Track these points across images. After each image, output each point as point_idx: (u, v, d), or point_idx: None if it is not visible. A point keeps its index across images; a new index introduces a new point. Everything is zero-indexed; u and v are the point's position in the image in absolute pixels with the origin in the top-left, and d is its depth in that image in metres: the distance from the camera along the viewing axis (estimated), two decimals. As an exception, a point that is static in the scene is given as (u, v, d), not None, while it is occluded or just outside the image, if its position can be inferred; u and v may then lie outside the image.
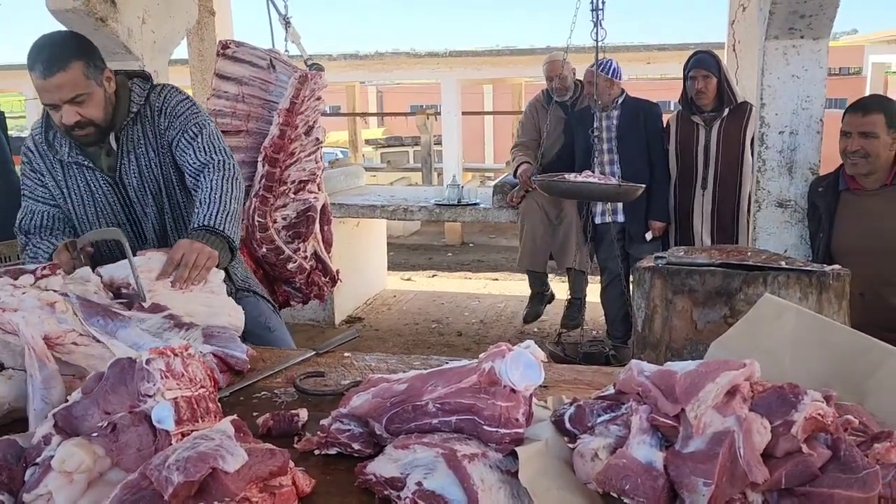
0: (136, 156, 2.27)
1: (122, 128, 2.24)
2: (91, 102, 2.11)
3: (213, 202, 2.13)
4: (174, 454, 1.04)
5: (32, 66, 2.03)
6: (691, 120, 4.31)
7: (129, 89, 2.25)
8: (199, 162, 2.23)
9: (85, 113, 2.10)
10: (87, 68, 2.08)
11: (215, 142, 2.28)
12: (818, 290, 1.88)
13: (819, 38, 3.10)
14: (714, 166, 4.23)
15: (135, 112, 2.25)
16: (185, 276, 1.89)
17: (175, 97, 2.31)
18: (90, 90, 2.10)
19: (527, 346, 1.22)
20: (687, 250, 2.15)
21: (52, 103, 2.08)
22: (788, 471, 1.04)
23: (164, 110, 2.28)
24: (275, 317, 2.48)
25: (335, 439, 1.30)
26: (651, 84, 15.61)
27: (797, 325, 1.41)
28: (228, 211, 2.14)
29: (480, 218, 5.75)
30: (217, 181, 2.17)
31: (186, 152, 2.25)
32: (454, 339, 5.69)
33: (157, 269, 1.89)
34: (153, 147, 2.28)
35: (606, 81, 4.51)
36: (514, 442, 1.15)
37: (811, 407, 1.07)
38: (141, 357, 1.20)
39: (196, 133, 2.27)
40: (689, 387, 1.08)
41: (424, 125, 12.12)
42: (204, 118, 2.33)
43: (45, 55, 2.03)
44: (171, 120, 2.28)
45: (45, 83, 2.03)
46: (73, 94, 2.06)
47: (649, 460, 1.06)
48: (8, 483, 1.13)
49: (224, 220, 2.10)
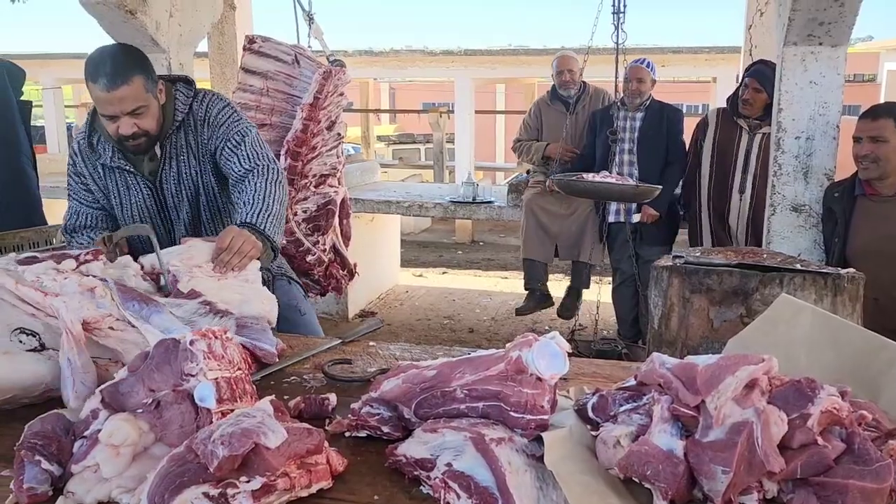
0: (177, 163, 2.32)
1: (167, 136, 2.29)
2: (148, 115, 2.16)
3: (255, 202, 2.18)
4: (219, 429, 1.09)
5: (95, 78, 2.06)
6: (735, 122, 4.28)
7: (173, 97, 2.29)
8: (244, 169, 2.27)
9: (141, 125, 2.15)
10: (146, 82, 2.13)
11: (258, 149, 2.32)
12: (833, 292, 1.92)
13: (837, 45, 3.13)
14: (754, 172, 4.21)
15: (179, 121, 2.29)
16: (227, 261, 1.95)
17: (216, 105, 2.34)
18: (148, 103, 2.15)
19: (552, 337, 1.27)
20: (703, 251, 2.19)
21: (112, 115, 2.12)
22: (804, 461, 1.09)
23: (206, 120, 2.32)
24: (306, 302, 2.56)
25: (365, 422, 1.36)
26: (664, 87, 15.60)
27: (813, 324, 1.45)
28: (271, 212, 2.18)
29: (494, 216, 5.79)
30: (261, 184, 2.22)
31: (231, 161, 2.29)
32: (466, 335, 5.74)
33: (198, 257, 1.95)
34: (195, 155, 2.33)
35: (651, 81, 4.58)
36: (539, 428, 1.20)
37: (827, 401, 1.12)
38: (185, 338, 1.25)
39: (239, 141, 2.31)
40: (709, 379, 1.12)
41: (437, 123, 12.15)
42: (246, 125, 2.37)
43: (109, 68, 2.06)
44: (214, 130, 2.32)
45: (109, 96, 2.07)
46: (134, 106, 2.11)
47: (670, 448, 1.11)
48: (57, 454, 1.19)
49: (265, 220, 2.15)
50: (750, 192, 4.24)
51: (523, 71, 12.20)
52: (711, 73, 11.12)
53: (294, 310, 2.44)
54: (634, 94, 4.58)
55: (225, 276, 1.96)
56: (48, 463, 1.17)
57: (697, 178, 4.46)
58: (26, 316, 1.50)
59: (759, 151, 4.19)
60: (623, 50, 3.89)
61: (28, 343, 1.46)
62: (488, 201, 5.74)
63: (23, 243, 3.13)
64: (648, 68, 4.61)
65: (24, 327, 1.48)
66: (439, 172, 12.15)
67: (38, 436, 1.20)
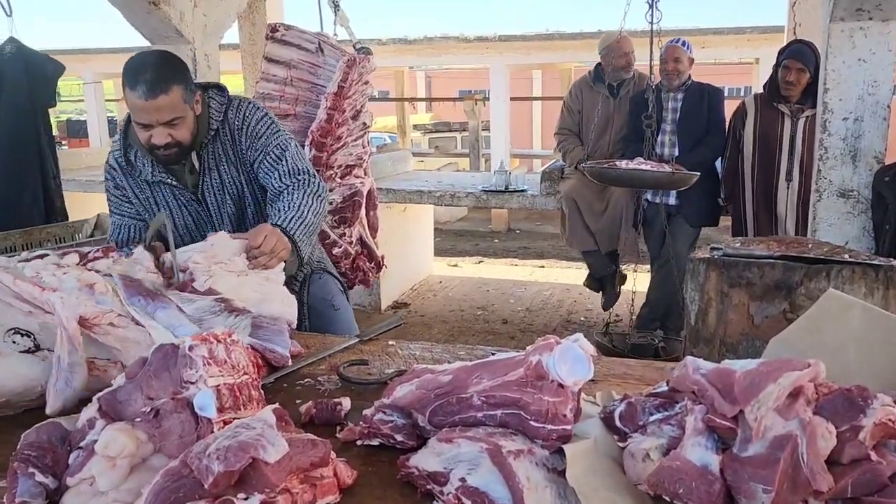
0: (218, 173, 2.28)
1: (203, 146, 2.24)
2: (183, 126, 2.12)
3: (290, 209, 2.16)
4: (214, 443, 1.02)
5: (133, 85, 2.01)
6: (775, 107, 4.14)
7: (207, 105, 2.24)
8: (284, 185, 2.24)
9: (175, 135, 2.11)
10: (185, 93, 2.09)
11: (299, 163, 2.28)
12: (885, 285, 1.78)
13: (888, 19, 2.96)
14: (800, 158, 4.06)
15: (214, 130, 2.24)
16: (261, 262, 1.93)
17: (254, 115, 2.29)
18: (185, 114, 2.11)
19: (575, 340, 1.17)
20: (744, 241, 2.07)
21: (147, 123, 2.07)
22: (855, 479, 0.99)
23: (244, 130, 2.27)
24: (341, 296, 2.52)
25: (378, 430, 1.28)
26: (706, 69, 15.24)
27: (863, 322, 1.33)
28: (304, 221, 2.15)
29: (528, 205, 5.68)
30: (298, 195, 2.19)
31: (271, 175, 2.26)
32: (499, 326, 5.65)
33: (221, 254, 1.90)
34: (234, 164, 2.29)
35: (689, 60, 4.44)
36: (561, 439, 1.11)
37: (881, 411, 1.02)
38: (184, 343, 1.19)
39: (279, 156, 2.26)
40: (748, 387, 1.02)
41: (472, 110, 12.02)
42: (285, 138, 2.32)
43: (149, 77, 2.01)
44: (253, 141, 2.27)
45: (147, 104, 2.02)
46: (170, 116, 2.07)
47: (704, 463, 1.01)
48: (52, 466, 1.14)
49: (297, 227, 2.11)
50: (798, 180, 4.09)
51: (559, 56, 11.97)
52: (754, 54, 10.79)
53: (328, 304, 2.40)
54: (672, 74, 4.44)
55: (245, 273, 1.90)
56: (42, 475, 1.11)
57: (740, 168, 4.31)
58: (22, 315, 1.45)
59: (804, 136, 4.04)
60: (659, 31, 3.74)
61: (22, 344, 1.42)
62: (521, 190, 5.63)
63: (49, 238, 3.13)
64: (684, 47, 4.46)
65: (18, 328, 1.44)
66: (475, 161, 12.05)
67: (32, 447, 1.14)
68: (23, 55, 4.01)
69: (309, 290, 2.42)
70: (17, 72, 3.96)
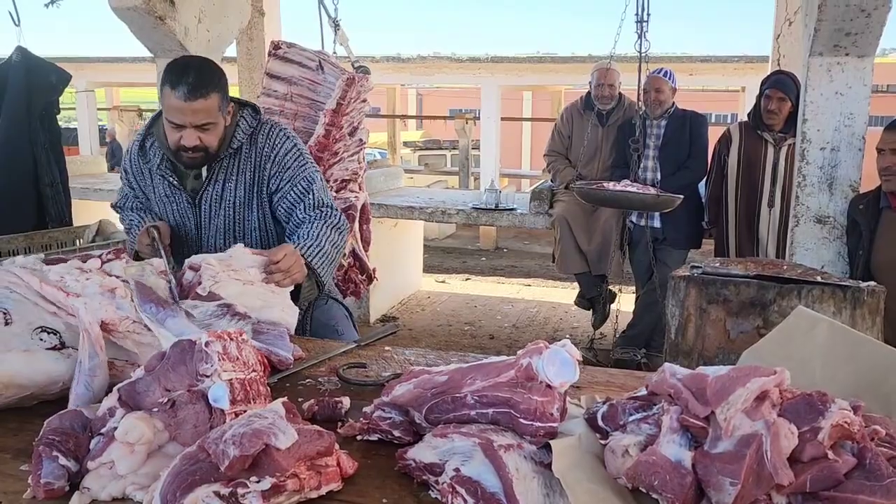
0: (222, 187, 2.31)
1: (218, 159, 2.28)
2: (214, 132, 2.17)
3: (309, 237, 2.20)
4: (231, 430, 1.11)
5: (175, 85, 2.06)
6: (759, 135, 4.27)
7: (236, 122, 2.28)
8: (307, 216, 2.28)
9: (205, 139, 2.16)
10: (221, 101, 2.15)
11: (325, 197, 2.33)
12: (852, 305, 1.90)
13: (864, 55, 3.10)
14: (782, 185, 4.19)
15: (235, 147, 2.28)
16: (276, 279, 1.97)
17: (284, 145, 2.33)
18: (217, 121, 2.16)
19: (563, 345, 1.27)
20: (722, 261, 2.17)
21: (181, 124, 2.12)
22: (813, 475, 1.08)
23: (273, 158, 2.31)
24: (345, 321, 2.54)
25: (377, 426, 1.37)
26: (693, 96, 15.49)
27: (829, 337, 1.43)
28: (322, 251, 2.19)
29: (517, 223, 5.78)
30: (319, 226, 2.24)
31: (296, 206, 2.29)
32: (486, 341, 5.74)
33: (236, 264, 1.95)
34: (244, 185, 2.32)
35: (671, 90, 4.58)
36: (548, 435, 1.21)
37: (838, 415, 1.11)
38: (201, 339, 1.28)
39: (306, 188, 2.30)
40: (720, 390, 1.12)
41: (463, 129, 12.17)
42: (312, 171, 2.35)
43: (192, 79, 2.07)
44: (280, 171, 2.31)
45: (185, 105, 2.07)
46: (205, 120, 2.12)
47: (678, 458, 1.10)
48: (74, 451, 1.22)
49: (314, 255, 2.16)
50: (780, 206, 4.22)
51: (550, 79, 12.17)
52: (740, 82, 11.02)
53: (331, 330, 2.43)
54: (655, 104, 4.61)
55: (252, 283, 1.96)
56: (65, 459, 1.19)
57: (724, 193, 4.44)
58: (48, 314, 1.54)
59: (786, 164, 4.17)
60: (648, 58, 3.87)
61: (49, 341, 1.50)
62: (511, 208, 5.74)
63: (51, 243, 3.20)
64: (666, 77, 4.63)
65: (45, 326, 1.52)
66: (464, 179, 12.18)
67: (56, 432, 1.23)
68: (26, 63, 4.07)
69: (313, 314, 2.46)
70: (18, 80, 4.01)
